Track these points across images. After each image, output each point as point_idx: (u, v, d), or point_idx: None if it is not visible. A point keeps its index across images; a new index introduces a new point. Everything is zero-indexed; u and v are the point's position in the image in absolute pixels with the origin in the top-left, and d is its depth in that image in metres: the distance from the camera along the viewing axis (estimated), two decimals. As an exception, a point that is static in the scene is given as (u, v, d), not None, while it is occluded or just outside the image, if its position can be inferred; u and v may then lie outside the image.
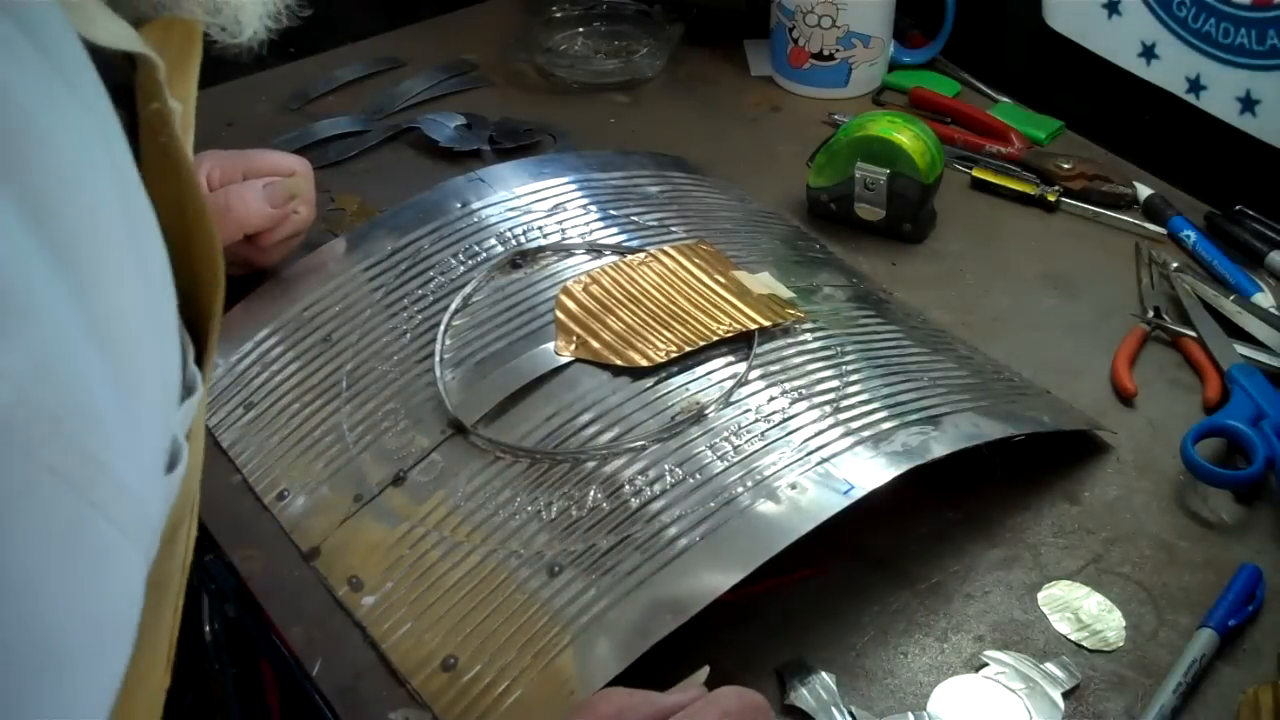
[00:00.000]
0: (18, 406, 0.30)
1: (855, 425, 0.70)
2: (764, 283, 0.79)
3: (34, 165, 0.31)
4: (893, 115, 0.94)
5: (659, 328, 0.75)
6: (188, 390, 0.40)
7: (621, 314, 0.76)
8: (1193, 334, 0.85)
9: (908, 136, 0.91)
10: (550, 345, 0.74)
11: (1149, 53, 0.97)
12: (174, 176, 0.39)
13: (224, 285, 0.43)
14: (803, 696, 0.64)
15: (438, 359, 0.76)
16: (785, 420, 0.70)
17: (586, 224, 0.84)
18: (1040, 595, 0.69)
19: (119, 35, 0.38)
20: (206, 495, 0.72)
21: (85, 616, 0.34)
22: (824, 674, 0.65)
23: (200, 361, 0.42)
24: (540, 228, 0.83)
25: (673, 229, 0.85)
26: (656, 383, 0.72)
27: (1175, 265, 0.91)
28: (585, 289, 0.78)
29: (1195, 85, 0.94)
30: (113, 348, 0.34)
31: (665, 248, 0.81)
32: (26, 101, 0.32)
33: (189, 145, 0.43)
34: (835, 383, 0.72)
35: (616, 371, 0.73)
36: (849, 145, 0.92)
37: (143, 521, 0.35)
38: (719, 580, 0.62)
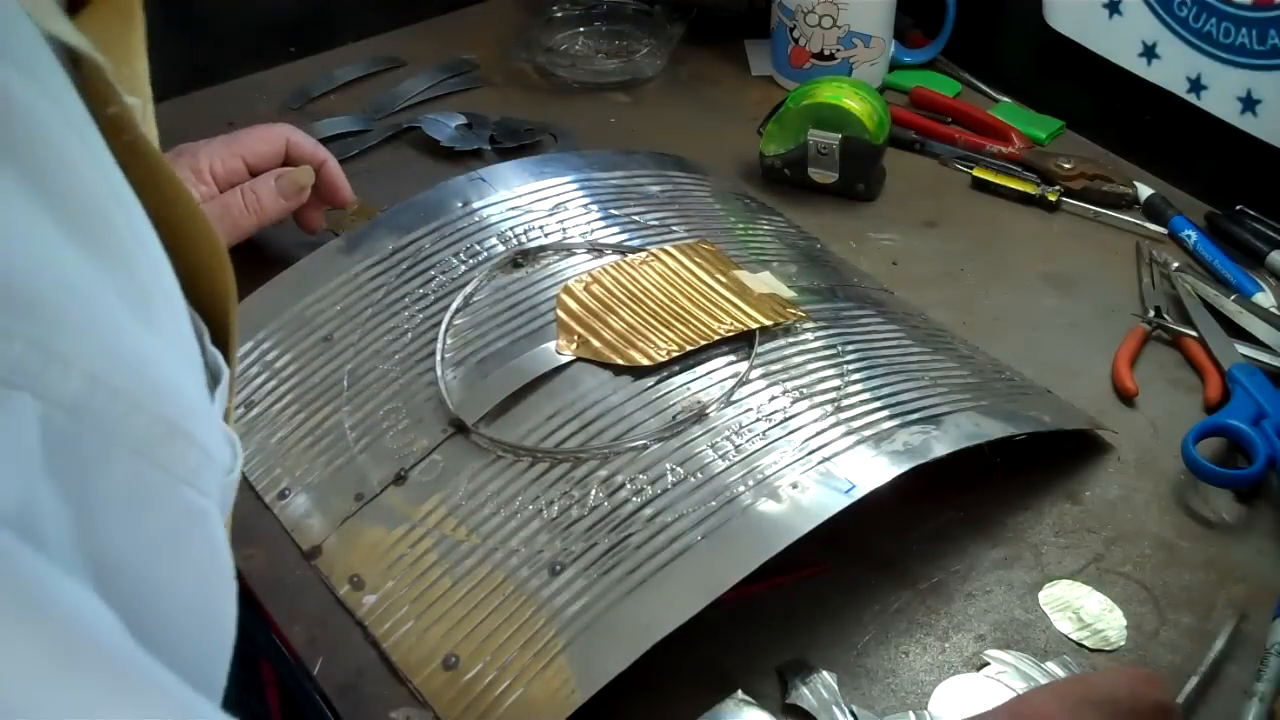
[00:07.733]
0: (94, 394, 0.29)
1: (856, 424, 0.70)
2: (765, 282, 0.79)
3: (35, 153, 0.31)
4: (838, 81, 0.98)
5: (660, 327, 0.75)
6: (213, 375, 0.40)
7: (623, 313, 0.76)
8: (1193, 334, 0.85)
9: (856, 101, 0.94)
10: (551, 344, 0.74)
11: (1150, 52, 0.97)
12: (147, 169, 0.38)
13: (231, 271, 0.43)
14: (804, 695, 0.64)
15: (439, 358, 0.75)
16: (786, 419, 0.70)
17: (588, 223, 0.84)
18: (1041, 594, 0.69)
19: (64, 32, 0.36)
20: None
21: (204, 589, 0.35)
22: (825, 673, 0.65)
23: (222, 346, 0.42)
24: (541, 227, 0.83)
25: (674, 228, 0.85)
26: (658, 382, 0.72)
27: (1176, 265, 0.91)
28: (586, 288, 0.78)
29: (1196, 85, 0.94)
30: (154, 320, 0.34)
31: (666, 247, 0.81)
32: (20, 94, 0.31)
33: (153, 136, 0.42)
34: (836, 382, 0.72)
35: (618, 371, 0.72)
36: (799, 113, 0.96)
37: (225, 486, 0.36)
38: (720, 579, 0.62)
